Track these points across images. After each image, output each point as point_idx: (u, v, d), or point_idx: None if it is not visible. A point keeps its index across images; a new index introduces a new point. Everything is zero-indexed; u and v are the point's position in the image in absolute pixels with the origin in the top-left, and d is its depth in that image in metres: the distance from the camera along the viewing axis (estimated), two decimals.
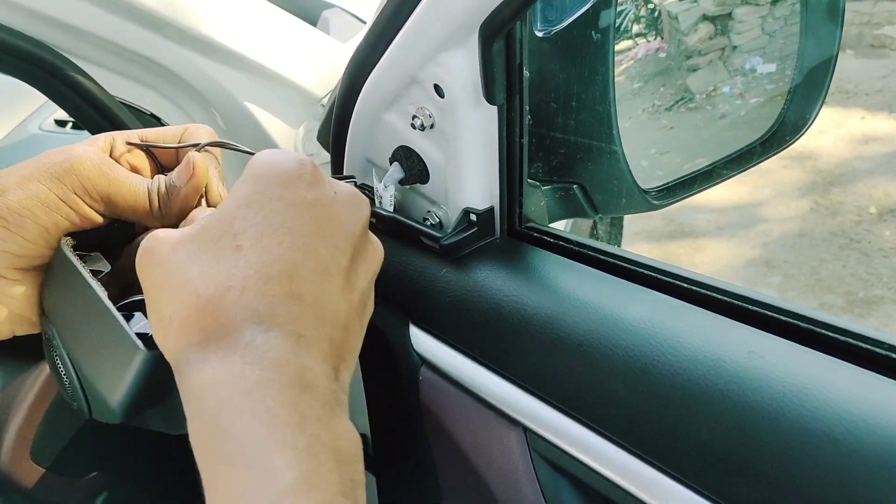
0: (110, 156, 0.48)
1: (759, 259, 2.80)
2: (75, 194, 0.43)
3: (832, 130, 3.60)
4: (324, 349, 0.34)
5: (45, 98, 0.75)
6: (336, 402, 0.33)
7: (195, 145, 0.48)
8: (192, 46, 0.76)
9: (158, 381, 0.40)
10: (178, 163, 0.48)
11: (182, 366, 0.33)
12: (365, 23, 1.21)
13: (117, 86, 0.75)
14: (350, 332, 0.37)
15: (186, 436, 0.40)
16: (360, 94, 0.61)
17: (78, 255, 0.43)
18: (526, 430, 0.55)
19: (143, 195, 0.45)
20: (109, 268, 0.44)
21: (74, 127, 0.99)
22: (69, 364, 0.43)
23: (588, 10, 0.45)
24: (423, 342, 0.62)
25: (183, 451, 0.43)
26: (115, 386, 0.41)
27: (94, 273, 0.43)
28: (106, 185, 0.43)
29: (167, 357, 0.34)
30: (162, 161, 0.50)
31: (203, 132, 0.49)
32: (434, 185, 0.60)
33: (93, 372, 0.42)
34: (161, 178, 0.46)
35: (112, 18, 0.70)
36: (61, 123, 1.00)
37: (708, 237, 2.95)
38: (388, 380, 0.66)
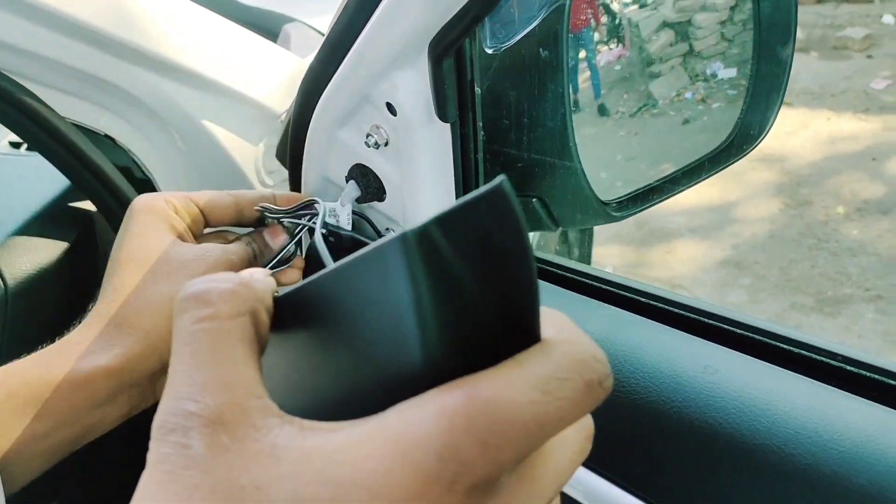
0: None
1: (731, 260, 2.83)
2: None
3: (799, 132, 3.65)
4: None
5: None
6: None
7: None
8: (146, 65, 0.75)
9: None
10: None
11: None
12: None
13: (70, 107, 0.74)
14: None
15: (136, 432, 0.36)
16: (315, 112, 0.60)
17: None
18: None
19: None
20: None
21: (30, 148, 0.97)
22: None
23: (536, 27, 0.45)
24: None
25: (134, 450, 0.41)
26: None
27: None
28: None
29: None
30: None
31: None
32: (391, 202, 0.60)
33: None
34: None
35: (60, 38, 0.69)
36: (15, 145, 0.98)
37: (680, 239, 2.98)
38: None
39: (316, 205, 0.59)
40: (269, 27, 1.13)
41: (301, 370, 0.28)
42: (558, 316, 0.24)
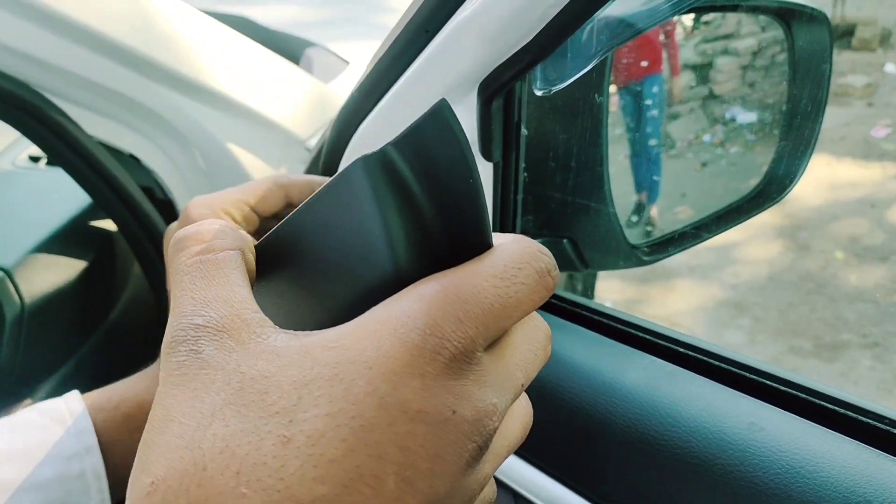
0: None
1: (730, 301, 2.82)
2: None
3: None
4: None
5: (19, 133, 0.73)
6: None
7: None
8: (173, 85, 0.75)
9: None
10: None
11: None
12: (348, 63, 1.20)
13: (95, 124, 0.73)
14: None
15: None
16: (350, 143, 0.60)
17: None
18: (516, 495, 0.53)
19: None
20: None
21: (49, 163, 0.96)
22: None
23: (589, 71, 0.45)
24: None
25: None
26: None
27: None
28: None
29: None
30: None
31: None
32: None
33: None
34: None
35: (91, 56, 0.68)
36: (35, 159, 0.97)
37: (680, 278, 2.98)
38: None
39: None
40: (291, 51, 1.13)
41: (287, 304, 0.30)
42: (511, 235, 0.28)
